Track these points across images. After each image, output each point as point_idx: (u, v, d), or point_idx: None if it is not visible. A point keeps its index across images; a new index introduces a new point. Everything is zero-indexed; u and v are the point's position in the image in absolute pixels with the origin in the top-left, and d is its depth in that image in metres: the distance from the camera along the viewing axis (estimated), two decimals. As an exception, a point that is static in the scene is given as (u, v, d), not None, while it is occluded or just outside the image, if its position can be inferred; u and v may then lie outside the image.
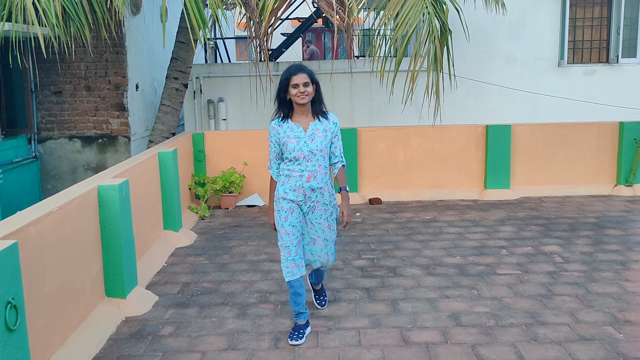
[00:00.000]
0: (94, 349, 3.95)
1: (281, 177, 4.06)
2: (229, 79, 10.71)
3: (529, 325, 4.20)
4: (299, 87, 3.86)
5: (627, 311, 4.41)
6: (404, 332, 4.14)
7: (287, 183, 4.01)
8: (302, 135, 3.97)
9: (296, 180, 3.99)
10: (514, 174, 8.43)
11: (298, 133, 3.98)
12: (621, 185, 8.43)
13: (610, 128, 8.45)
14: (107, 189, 4.53)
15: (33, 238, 3.44)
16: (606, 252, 5.83)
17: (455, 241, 6.34)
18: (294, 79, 3.87)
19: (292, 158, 3.97)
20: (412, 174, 8.50)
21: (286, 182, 4.02)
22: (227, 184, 7.97)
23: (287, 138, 3.97)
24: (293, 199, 4.02)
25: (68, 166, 9.25)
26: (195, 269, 5.61)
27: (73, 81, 9.15)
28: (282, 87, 3.93)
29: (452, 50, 7.53)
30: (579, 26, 10.79)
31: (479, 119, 10.33)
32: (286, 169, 4.03)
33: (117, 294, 4.61)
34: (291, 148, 3.95)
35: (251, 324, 4.35)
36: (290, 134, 3.97)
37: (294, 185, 4.00)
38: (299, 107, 3.96)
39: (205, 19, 6.98)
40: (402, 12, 7.09)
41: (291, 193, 4.01)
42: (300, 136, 3.97)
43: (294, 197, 4.01)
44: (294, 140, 3.96)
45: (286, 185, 4.01)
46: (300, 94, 3.87)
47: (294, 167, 3.99)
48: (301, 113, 4.00)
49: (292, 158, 3.97)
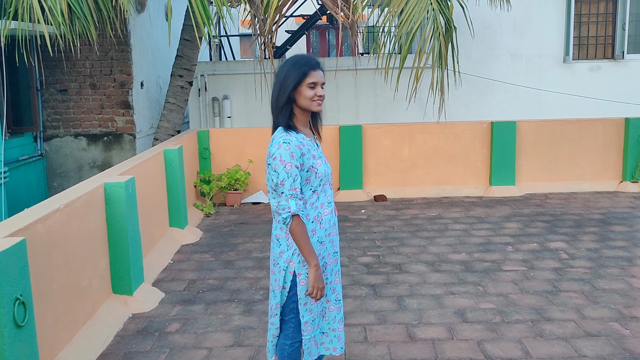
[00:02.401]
0: (101, 346, 3.97)
1: (307, 222, 2.77)
2: (234, 76, 10.72)
3: (535, 322, 4.21)
4: (317, 88, 2.75)
5: (633, 307, 4.41)
6: (410, 329, 4.15)
7: (319, 230, 2.81)
8: (320, 152, 2.89)
9: (329, 219, 2.86)
10: (519, 170, 8.42)
11: (317, 150, 2.87)
12: (627, 181, 8.40)
13: (616, 124, 8.42)
14: (113, 187, 4.55)
15: (40, 235, 3.46)
16: (612, 249, 5.82)
17: (461, 238, 6.34)
18: (314, 75, 2.73)
19: (318, 187, 2.81)
20: (417, 170, 8.49)
21: (318, 229, 2.81)
22: (232, 182, 7.98)
23: (314, 159, 2.77)
24: (324, 254, 2.87)
25: (74, 164, 9.28)
26: (201, 266, 5.63)
27: (78, 79, 9.17)
28: (295, 83, 2.72)
29: (457, 47, 7.52)
30: (584, 22, 10.74)
31: (483, 115, 10.32)
32: (311, 206, 2.79)
33: (124, 291, 4.63)
34: (322, 172, 2.80)
35: (257, 320, 4.36)
36: (314, 152, 2.80)
37: (328, 228, 2.86)
38: (304, 116, 2.81)
39: (210, 17, 6.99)
40: (406, 8, 7.08)
41: (323, 245, 2.85)
42: (321, 154, 2.88)
43: (324, 252, 2.87)
44: (319, 160, 2.82)
45: (320, 233, 2.82)
46: (318, 97, 2.75)
47: (321, 199, 2.82)
48: (305, 124, 2.84)
49: (320, 186, 2.82)
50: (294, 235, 2.68)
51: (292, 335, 2.90)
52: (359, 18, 7.67)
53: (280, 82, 2.75)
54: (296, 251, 2.75)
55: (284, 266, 2.80)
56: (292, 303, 2.85)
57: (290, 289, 2.82)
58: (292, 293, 2.83)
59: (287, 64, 2.78)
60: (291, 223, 2.66)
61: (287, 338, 2.91)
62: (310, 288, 2.71)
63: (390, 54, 7.35)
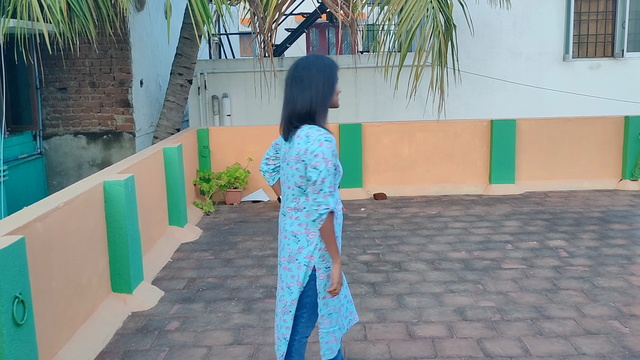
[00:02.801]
0: (100, 344, 3.97)
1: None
2: (234, 74, 10.71)
3: (535, 320, 4.21)
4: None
5: (633, 305, 4.41)
6: (410, 327, 4.15)
7: (336, 225, 2.84)
8: None
9: (341, 215, 2.92)
10: (519, 168, 8.42)
11: None
12: (626, 179, 8.40)
13: (616, 122, 8.42)
14: (112, 185, 4.55)
15: (40, 233, 3.46)
16: (611, 247, 5.82)
17: (460, 236, 6.34)
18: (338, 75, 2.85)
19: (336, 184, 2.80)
20: (416, 169, 8.49)
21: (336, 225, 2.83)
22: (232, 180, 7.98)
23: (338, 157, 2.82)
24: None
25: (73, 162, 9.27)
26: (200, 265, 5.63)
27: (78, 77, 9.17)
28: (335, 81, 2.81)
29: (457, 45, 7.52)
30: (584, 20, 10.73)
31: (483, 113, 10.31)
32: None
33: (124, 289, 4.63)
34: (341, 170, 2.84)
35: (257, 318, 4.36)
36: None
37: (341, 223, 2.92)
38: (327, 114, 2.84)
39: (209, 15, 6.98)
40: (406, 7, 7.08)
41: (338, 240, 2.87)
42: None
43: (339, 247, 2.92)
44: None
45: (336, 228, 2.84)
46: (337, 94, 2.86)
47: (336, 196, 2.78)
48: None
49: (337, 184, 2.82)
50: (327, 231, 2.71)
51: (301, 330, 2.91)
52: (358, 16, 7.66)
53: (326, 80, 2.76)
54: (317, 246, 2.79)
55: (304, 262, 2.80)
56: (306, 297, 2.85)
57: (307, 284, 2.83)
58: (308, 288, 2.84)
59: (328, 62, 2.80)
60: (326, 220, 2.68)
61: (296, 333, 2.91)
62: (335, 284, 2.73)
63: (390, 52, 7.34)
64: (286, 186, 2.84)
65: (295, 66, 2.80)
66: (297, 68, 2.79)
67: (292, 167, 2.76)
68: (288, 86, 2.79)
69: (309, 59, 2.82)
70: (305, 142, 2.70)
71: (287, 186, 2.83)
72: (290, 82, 2.78)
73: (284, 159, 2.85)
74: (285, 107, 2.79)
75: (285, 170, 2.83)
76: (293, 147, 2.75)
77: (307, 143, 2.69)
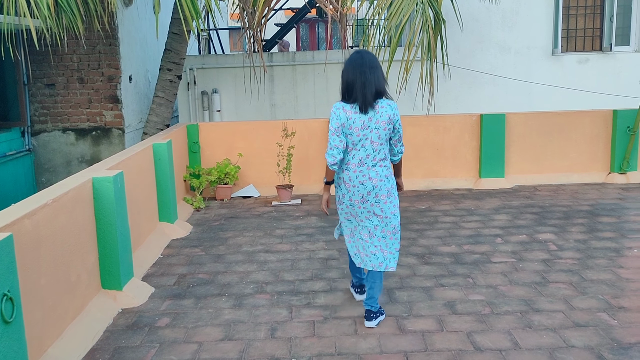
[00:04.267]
0: (90, 341, 3.96)
1: None
2: (223, 70, 10.67)
3: (524, 313, 4.23)
4: None
5: (621, 297, 4.45)
6: (400, 321, 4.16)
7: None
8: None
9: None
10: (509, 162, 8.45)
11: None
12: (615, 173, 8.46)
13: (604, 116, 8.47)
14: (101, 181, 4.53)
15: (28, 230, 3.43)
16: (600, 240, 5.86)
17: (451, 230, 6.36)
18: None
19: None
20: (406, 163, 8.42)
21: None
22: (222, 175, 7.96)
23: None
24: None
25: (62, 159, 9.22)
26: (191, 260, 5.62)
27: (66, 73, 9.11)
28: None
29: (446, 39, 7.52)
30: (573, 14, 10.78)
31: (473, 108, 10.34)
32: None
33: (113, 286, 4.61)
34: None
35: (247, 314, 4.36)
36: None
37: None
38: None
39: (198, 10, 6.95)
40: (395, 1, 7.08)
41: None
42: None
43: None
44: None
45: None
46: None
47: None
48: None
49: None
50: (400, 167, 4.24)
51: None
52: (348, 11, 7.65)
53: (380, 68, 3.93)
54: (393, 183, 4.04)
55: (396, 193, 4.06)
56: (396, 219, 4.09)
57: None
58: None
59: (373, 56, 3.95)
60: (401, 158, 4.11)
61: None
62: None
63: (380, 47, 7.34)
64: (377, 144, 3.87)
65: (361, 58, 3.89)
66: (364, 59, 3.88)
67: (385, 128, 3.85)
68: (364, 73, 3.83)
69: (369, 52, 3.96)
70: (392, 109, 3.89)
71: (379, 143, 3.87)
72: (366, 70, 3.83)
73: (366, 126, 3.84)
74: (368, 87, 3.82)
75: (373, 133, 3.85)
76: (383, 114, 3.84)
77: (393, 109, 3.89)
